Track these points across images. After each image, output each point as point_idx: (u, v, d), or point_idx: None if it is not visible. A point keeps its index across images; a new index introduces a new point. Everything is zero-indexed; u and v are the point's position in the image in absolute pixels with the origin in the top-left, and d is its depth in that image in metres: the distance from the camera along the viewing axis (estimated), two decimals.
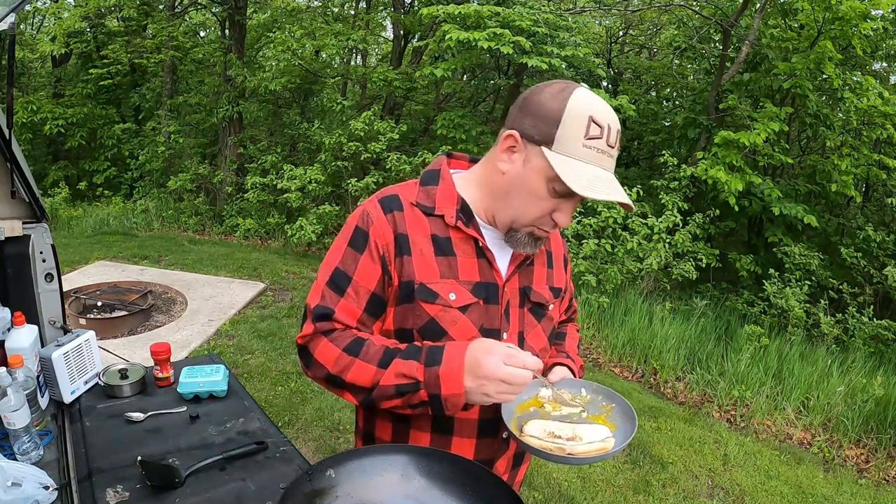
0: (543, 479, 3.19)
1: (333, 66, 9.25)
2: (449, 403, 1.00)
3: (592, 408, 1.16)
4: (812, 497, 3.44)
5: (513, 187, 1.05)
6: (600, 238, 5.75)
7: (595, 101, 1.00)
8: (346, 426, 3.47)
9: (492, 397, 0.98)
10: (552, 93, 1.01)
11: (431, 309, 1.08)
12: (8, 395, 1.24)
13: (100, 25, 10.13)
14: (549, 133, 0.99)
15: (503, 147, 1.05)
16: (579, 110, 0.98)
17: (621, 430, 1.10)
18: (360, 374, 1.05)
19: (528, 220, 1.06)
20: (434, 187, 1.14)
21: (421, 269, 1.08)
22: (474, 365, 0.98)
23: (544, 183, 1.01)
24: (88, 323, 4.34)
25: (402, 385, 1.02)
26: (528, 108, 1.03)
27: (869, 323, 5.40)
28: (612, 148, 1.01)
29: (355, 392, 1.08)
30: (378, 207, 1.11)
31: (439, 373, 0.99)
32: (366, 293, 1.10)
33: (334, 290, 1.10)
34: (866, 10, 5.68)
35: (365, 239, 1.10)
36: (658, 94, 10.24)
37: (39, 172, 10.15)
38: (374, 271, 1.09)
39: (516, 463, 1.25)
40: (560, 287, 1.26)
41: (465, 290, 1.10)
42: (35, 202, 1.75)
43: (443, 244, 1.10)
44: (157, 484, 1.22)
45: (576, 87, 1.02)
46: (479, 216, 1.13)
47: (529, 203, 1.04)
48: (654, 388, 4.74)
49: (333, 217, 7.24)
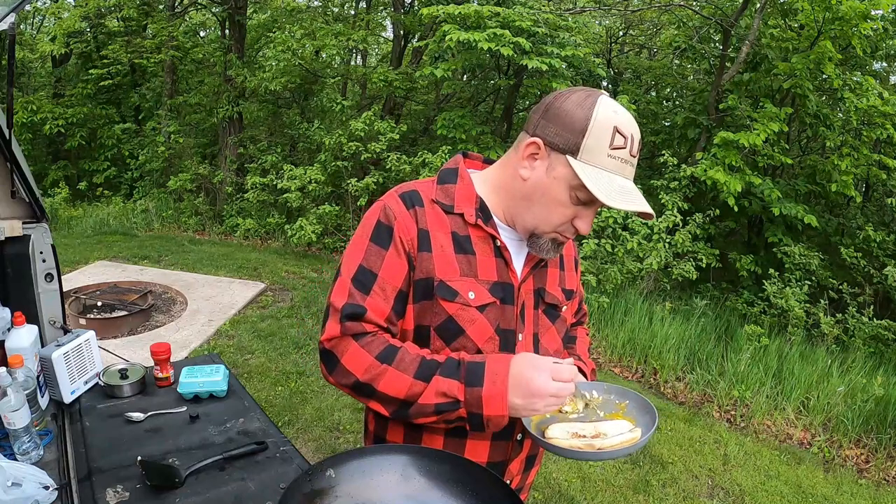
0: (543, 479, 3.19)
1: (333, 66, 9.25)
2: (492, 423, 1.01)
3: (607, 407, 1.17)
4: (812, 497, 3.44)
5: (535, 194, 1.06)
6: (600, 238, 5.75)
7: (619, 110, 1.01)
8: (346, 426, 3.47)
9: (540, 411, 1.00)
10: (577, 101, 1.01)
11: (450, 307, 1.07)
12: (8, 395, 1.24)
13: (100, 25, 10.13)
14: (575, 143, 1.00)
15: (525, 153, 1.05)
16: (605, 121, 0.99)
17: (641, 422, 1.11)
18: (394, 384, 1.02)
19: (550, 226, 1.07)
20: (452, 185, 1.13)
21: (441, 266, 1.08)
22: (522, 382, 0.98)
23: (567, 191, 1.02)
24: (88, 323, 4.34)
25: (441, 404, 1.01)
26: (552, 115, 1.02)
27: (869, 323, 5.40)
28: (634, 157, 1.03)
29: (386, 403, 1.04)
30: (400, 202, 1.10)
31: (482, 394, 0.99)
32: (393, 290, 1.07)
33: (360, 288, 1.06)
34: (866, 10, 5.67)
35: (389, 234, 1.07)
36: (658, 94, 10.23)
37: (39, 172, 10.14)
38: (400, 267, 1.07)
39: (528, 465, 1.26)
40: (572, 289, 1.26)
41: (483, 289, 1.09)
42: (35, 202, 1.75)
43: (463, 242, 1.10)
44: (157, 484, 1.22)
45: (599, 94, 1.02)
46: (497, 217, 1.13)
47: (552, 210, 1.05)
48: (654, 388, 4.74)
49: (333, 217, 7.24)
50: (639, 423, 1.11)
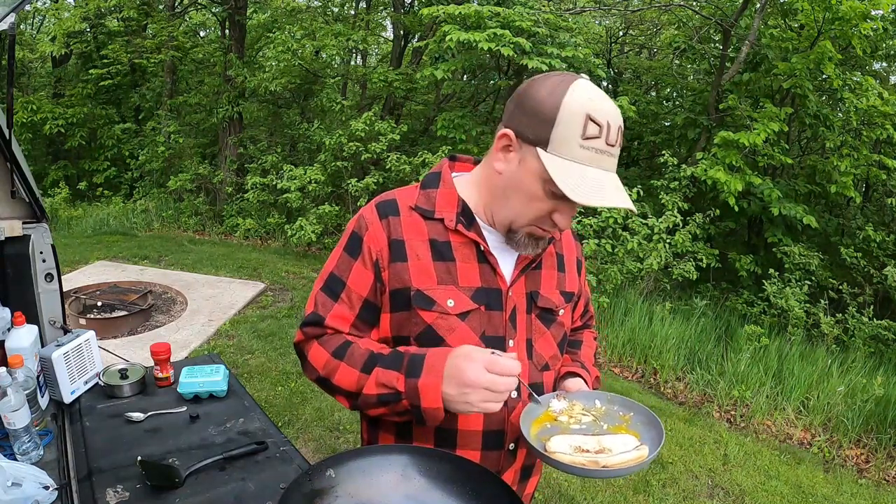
0: (543, 479, 3.19)
1: (333, 66, 9.25)
2: (428, 416, 0.98)
3: (610, 419, 1.12)
4: (812, 497, 3.44)
5: (509, 188, 1.02)
6: (600, 238, 5.74)
7: (594, 97, 0.94)
8: (346, 426, 3.47)
9: (474, 406, 0.93)
10: (548, 89, 0.95)
11: (428, 316, 1.06)
12: (8, 395, 1.24)
13: (100, 25, 10.13)
14: (545, 134, 0.94)
15: (499, 146, 1.02)
16: (576, 109, 0.93)
17: (646, 437, 1.06)
18: (346, 377, 1.05)
19: (525, 220, 1.03)
20: (434, 190, 1.11)
21: (417, 276, 1.06)
22: (455, 372, 0.94)
23: (540, 185, 0.97)
24: (88, 323, 4.34)
25: (383, 395, 1.01)
26: (524, 105, 0.98)
27: (869, 323, 5.40)
28: (613, 146, 0.96)
29: (345, 395, 1.08)
30: (374, 212, 1.10)
31: (419, 384, 0.97)
32: (358, 299, 1.09)
33: (329, 295, 1.11)
34: (866, 10, 5.68)
35: (359, 245, 1.08)
36: (658, 95, 10.23)
37: (39, 172, 10.15)
38: (366, 277, 1.08)
39: (525, 475, 1.21)
40: (572, 291, 1.21)
41: (464, 296, 1.06)
42: (35, 202, 1.75)
43: (441, 249, 1.07)
44: (157, 484, 1.22)
45: (573, 80, 0.96)
46: (481, 218, 1.10)
47: (526, 204, 1.01)
48: (654, 388, 4.74)
49: (333, 217, 7.24)
50: (643, 439, 1.06)
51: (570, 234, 1.26)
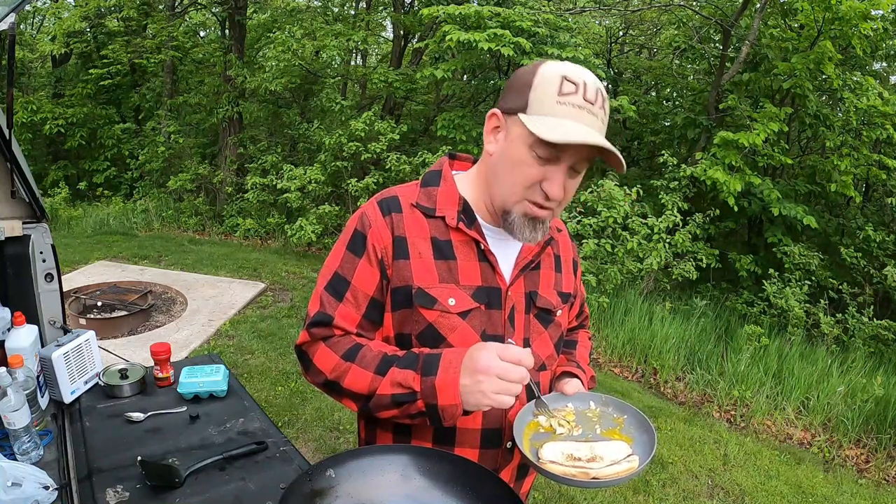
0: (543, 479, 3.19)
1: (333, 66, 9.25)
2: (446, 413, 0.98)
3: (605, 421, 1.13)
4: (812, 497, 3.44)
5: (500, 164, 1.03)
6: (600, 238, 5.74)
7: (569, 65, 0.99)
8: (346, 426, 3.47)
9: (487, 396, 0.93)
10: (528, 67, 1.02)
11: (429, 314, 1.06)
12: (8, 395, 1.24)
13: (100, 25, 10.13)
14: (523, 100, 0.98)
15: (489, 129, 1.05)
16: (552, 72, 0.98)
17: (638, 442, 1.07)
18: (357, 380, 1.04)
19: (517, 193, 1.01)
20: (435, 188, 1.12)
21: (419, 274, 1.06)
22: (469, 362, 0.95)
23: (527, 150, 0.98)
24: (88, 323, 4.34)
25: (398, 395, 1.01)
26: (507, 87, 1.04)
27: (869, 323, 5.40)
28: (592, 104, 0.96)
29: (354, 399, 1.06)
30: (376, 209, 1.09)
31: (436, 382, 0.97)
32: (365, 298, 1.08)
33: (333, 294, 1.09)
34: (866, 10, 5.68)
35: (363, 242, 1.08)
36: (658, 95, 10.23)
37: (39, 172, 10.15)
38: (372, 276, 1.07)
39: (521, 474, 1.22)
40: (569, 292, 1.22)
41: (465, 294, 1.07)
42: (35, 202, 1.75)
43: (443, 247, 1.08)
44: (157, 484, 1.22)
45: (552, 60, 1.02)
46: (482, 216, 1.10)
47: (515, 173, 1.00)
48: (654, 388, 4.74)
49: (333, 217, 7.24)
50: (636, 443, 1.07)
51: (566, 235, 1.27)
